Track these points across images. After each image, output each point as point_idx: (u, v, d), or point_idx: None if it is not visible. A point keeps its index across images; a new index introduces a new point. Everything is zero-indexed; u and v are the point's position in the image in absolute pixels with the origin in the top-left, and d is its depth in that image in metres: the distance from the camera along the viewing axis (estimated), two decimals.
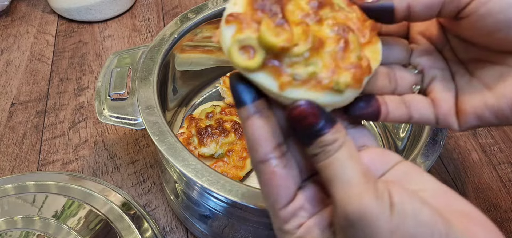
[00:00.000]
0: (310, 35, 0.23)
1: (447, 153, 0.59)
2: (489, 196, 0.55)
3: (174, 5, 0.81)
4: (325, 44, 0.24)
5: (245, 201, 0.34)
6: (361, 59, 0.24)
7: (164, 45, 0.48)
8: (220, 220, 0.43)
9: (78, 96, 0.63)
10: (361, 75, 0.24)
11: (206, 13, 0.52)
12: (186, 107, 0.59)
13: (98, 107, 0.44)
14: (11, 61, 0.69)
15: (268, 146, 0.22)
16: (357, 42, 0.25)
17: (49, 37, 0.74)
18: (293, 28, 0.23)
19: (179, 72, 0.55)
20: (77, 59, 0.69)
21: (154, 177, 0.54)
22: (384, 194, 0.20)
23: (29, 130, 0.58)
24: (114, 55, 0.49)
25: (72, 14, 0.75)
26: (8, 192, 0.48)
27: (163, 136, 0.39)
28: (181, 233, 0.49)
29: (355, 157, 0.21)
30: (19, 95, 0.63)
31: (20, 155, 0.56)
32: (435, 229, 0.19)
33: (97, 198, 0.47)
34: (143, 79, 0.44)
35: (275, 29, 0.23)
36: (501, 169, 0.58)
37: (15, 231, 0.44)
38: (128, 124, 0.43)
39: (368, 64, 0.25)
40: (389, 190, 0.20)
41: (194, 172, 0.36)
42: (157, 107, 0.41)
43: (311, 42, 0.23)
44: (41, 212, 0.46)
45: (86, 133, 0.58)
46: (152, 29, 0.76)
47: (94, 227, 0.45)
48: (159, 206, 0.51)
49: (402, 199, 0.20)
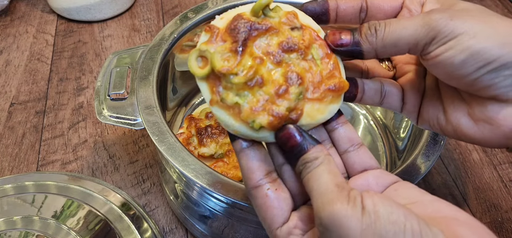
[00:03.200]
0: (253, 71, 0.26)
1: (448, 153, 0.59)
2: (490, 196, 0.54)
3: (173, 5, 0.81)
4: (265, 84, 0.26)
5: (245, 201, 0.34)
6: (291, 109, 0.27)
7: (164, 44, 0.48)
8: (220, 221, 0.42)
9: (77, 96, 0.63)
10: (278, 123, 0.26)
11: (206, 13, 0.52)
12: (185, 107, 0.59)
13: (97, 107, 0.44)
14: (10, 61, 0.69)
15: (260, 173, 0.26)
16: (297, 94, 0.27)
17: (48, 37, 0.73)
18: (245, 59, 0.26)
19: (179, 72, 0.55)
20: (77, 59, 0.69)
21: (154, 177, 0.53)
22: (356, 199, 0.22)
23: (28, 130, 0.58)
24: (114, 55, 0.49)
25: (71, 14, 0.75)
26: (7, 192, 0.48)
27: (162, 136, 0.38)
28: (181, 234, 0.49)
29: (333, 172, 0.24)
30: (19, 95, 0.63)
31: (20, 155, 0.55)
32: (407, 227, 0.20)
33: (97, 198, 0.47)
34: (142, 79, 0.44)
35: (225, 55, 0.26)
36: (502, 169, 0.58)
37: (14, 231, 0.44)
38: (127, 124, 0.43)
39: (296, 114, 0.27)
40: (361, 196, 0.22)
41: (193, 172, 0.36)
42: (157, 107, 0.41)
43: (248, 78, 0.26)
44: (40, 212, 0.45)
45: (86, 133, 0.58)
46: (151, 28, 0.76)
47: (93, 228, 0.45)
48: (158, 207, 0.51)
49: (374, 202, 0.21)
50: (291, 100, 0.26)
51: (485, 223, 0.51)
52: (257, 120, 0.26)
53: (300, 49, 0.28)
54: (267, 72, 0.27)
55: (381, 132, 0.57)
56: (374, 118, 0.59)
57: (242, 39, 0.26)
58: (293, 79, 0.27)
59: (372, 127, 0.58)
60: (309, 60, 0.28)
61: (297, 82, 0.27)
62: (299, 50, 0.28)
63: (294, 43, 0.27)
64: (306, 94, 0.27)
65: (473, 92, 0.27)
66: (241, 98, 0.26)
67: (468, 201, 0.53)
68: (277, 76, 0.27)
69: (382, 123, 0.58)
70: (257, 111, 0.26)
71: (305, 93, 0.27)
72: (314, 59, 0.28)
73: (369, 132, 0.57)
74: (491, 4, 0.89)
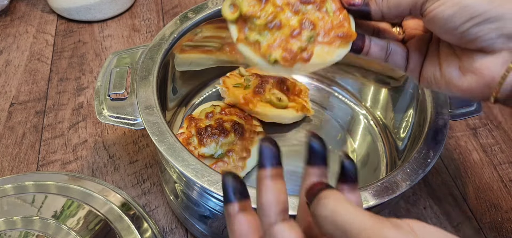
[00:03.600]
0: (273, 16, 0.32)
1: (448, 153, 0.59)
2: (490, 196, 0.54)
3: (173, 5, 0.81)
4: (282, 27, 0.32)
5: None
6: (303, 49, 0.32)
7: (164, 44, 0.48)
8: (220, 221, 0.42)
9: (77, 96, 0.63)
10: (291, 59, 0.32)
11: (205, 13, 0.52)
12: (186, 107, 0.59)
13: (97, 107, 0.44)
14: (10, 61, 0.69)
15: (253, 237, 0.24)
16: (308, 37, 0.33)
17: (48, 37, 0.73)
18: (267, 6, 0.32)
19: (179, 72, 0.55)
20: (77, 59, 0.69)
21: (154, 177, 0.53)
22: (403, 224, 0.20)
23: (28, 130, 0.58)
24: (114, 55, 0.49)
25: (71, 14, 0.75)
26: (7, 192, 0.48)
27: (162, 136, 0.38)
28: (181, 234, 0.49)
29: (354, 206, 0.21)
30: (18, 95, 0.63)
31: (20, 155, 0.55)
32: None
33: (97, 198, 0.47)
34: (142, 79, 0.44)
35: (251, 2, 0.32)
36: (502, 169, 0.58)
37: (14, 231, 0.44)
38: (127, 124, 0.43)
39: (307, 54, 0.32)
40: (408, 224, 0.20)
41: (194, 172, 0.36)
42: (157, 107, 0.41)
43: (268, 20, 0.32)
44: (40, 212, 0.45)
45: (86, 133, 0.58)
46: (151, 28, 0.76)
47: (93, 228, 0.45)
48: (158, 207, 0.51)
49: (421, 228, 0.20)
50: (303, 41, 0.32)
51: (485, 223, 0.51)
52: (273, 55, 0.32)
53: (316, 2, 0.33)
54: (286, 18, 0.32)
55: (381, 132, 0.57)
56: (374, 118, 0.59)
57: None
58: (307, 25, 0.32)
59: (372, 127, 0.58)
60: (323, 11, 0.33)
61: (309, 27, 0.32)
62: (315, 2, 0.33)
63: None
64: (317, 38, 0.33)
65: (463, 45, 0.30)
66: (261, 37, 0.33)
67: (468, 201, 0.53)
68: (293, 22, 0.32)
69: (382, 123, 0.58)
70: (273, 47, 0.32)
71: (316, 37, 0.33)
72: (327, 11, 0.34)
73: (369, 132, 0.57)
74: None
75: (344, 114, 0.59)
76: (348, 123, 0.58)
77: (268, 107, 0.54)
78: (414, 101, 0.50)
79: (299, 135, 0.55)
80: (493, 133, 0.62)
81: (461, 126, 0.63)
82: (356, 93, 0.61)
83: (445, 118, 0.44)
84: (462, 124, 0.63)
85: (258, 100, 0.54)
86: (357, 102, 0.61)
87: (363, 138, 0.57)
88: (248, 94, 0.54)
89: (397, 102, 0.55)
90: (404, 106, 0.53)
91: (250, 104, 0.53)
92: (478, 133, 0.62)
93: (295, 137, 0.55)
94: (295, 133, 0.56)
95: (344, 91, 0.62)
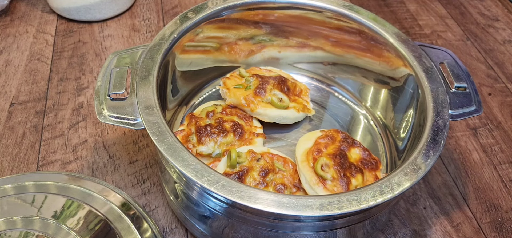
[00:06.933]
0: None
1: (448, 153, 0.59)
2: (490, 196, 0.54)
3: (173, 5, 0.81)
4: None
5: (245, 201, 0.34)
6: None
7: (164, 44, 0.48)
8: (220, 221, 0.42)
9: (77, 96, 0.63)
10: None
11: (205, 13, 0.52)
12: (186, 107, 0.59)
13: (97, 107, 0.44)
14: (10, 61, 0.69)
15: None
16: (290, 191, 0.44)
17: (48, 37, 0.73)
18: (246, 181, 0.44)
19: (179, 72, 0.55)
20: (77, 59, 0.69)
21: (154, 177, 0.53)
22: None
23: (28, 130, 0.58)
24: (114, 55, 0.49)
25: (71, 14, 0.75)
26: (7, 192, 0.48)
27: (162, 136, 0.38)
28: (181, 234, 0.49)
29: None
30: (18, 95, 0.63)
31: (20, 155, 0.55)
32: None
33: (97, 198, 0.47)
34: (142, 79, 0.44)
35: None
36: (502, 169, 0.58)
37: (14, 231, 0.44)
38: (127, 124, 0.42)
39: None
40: None
41: (193, 172, 0.36)
42: (157, 107, 0.41)
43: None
44: (40, 212, 0.45)
45: (86, 133, 0.58)
46: (151, 28, 0.76)
47: (93, 228, 0.45)
48: (158, 207, 0.51)
49: None
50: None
51: (485, 223, 0.51)
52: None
53: (270, 169, 0.44)
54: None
55: (381, 132, 0.57)
56: (374, 118, 0.59)
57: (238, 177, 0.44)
58: (282, 189, 0.43)
59: (372, 127, 0.58)
60: (278, 172, 0.45)
61: (285, 189, 0.43)
62: (270, 170, 0.44)
63: (265, 168, 0.44)
64: (292, 190, 0.44)
65: None
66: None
67: (468, 201, 0.53)
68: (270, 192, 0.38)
69: (382, 123, 0.58)
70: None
71: (292, 190, 0.44)
72: (280, 169, 0.45)
73: (369, 132, 0.57)
74: (491, 4, 0.89)
75: (344, 114, 0.59)
76: (348, 123, 0.58)
77: (269, 108, 0.54)
78: (414, 101, 0.50)
79: (300, 135, 0.55)
80: (493, 133, 0.62)
81: (461, 126, 0.63)
82: (356, 93, 0.61)
83: (445, 118, 0.44)
84: (462, 124, 0.63)
85: (260, 101, 0.54)
86: (357, 102, 0.61)
87: (363, 138, 0.57)
88: (249, 95, 0.54)
89: (397, 102, 0.55)
90: (404, 106, 0.53)
91: (251, 105, 0.53)
92: (478, 133, 0.62)
93: (296, 137, 0.55)
94: (296, 133, 0.56)
95: (344, 91, 0.62)
